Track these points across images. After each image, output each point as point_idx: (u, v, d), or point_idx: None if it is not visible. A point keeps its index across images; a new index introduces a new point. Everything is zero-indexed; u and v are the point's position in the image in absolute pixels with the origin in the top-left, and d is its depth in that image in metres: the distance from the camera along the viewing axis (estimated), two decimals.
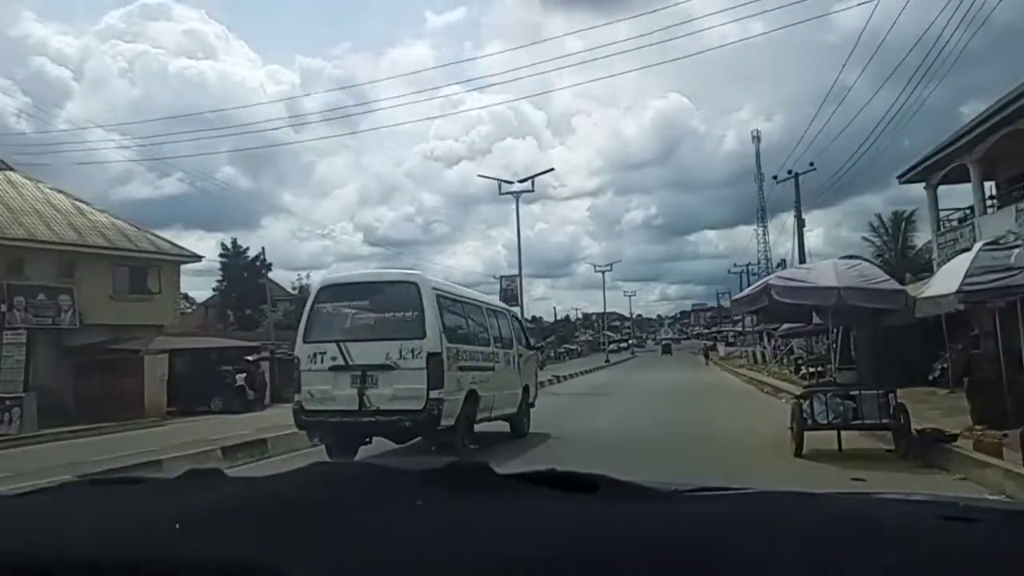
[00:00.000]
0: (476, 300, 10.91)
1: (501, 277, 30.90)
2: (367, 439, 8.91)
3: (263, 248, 48.66)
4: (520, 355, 11.61)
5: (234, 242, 45.05)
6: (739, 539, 0.68)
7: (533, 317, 78.67)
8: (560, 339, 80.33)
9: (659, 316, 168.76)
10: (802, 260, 29.52)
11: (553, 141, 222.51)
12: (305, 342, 8.83)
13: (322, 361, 8.55)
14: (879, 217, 47.03)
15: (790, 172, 29.83)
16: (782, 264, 47.53)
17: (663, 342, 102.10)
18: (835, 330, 23.84)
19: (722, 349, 66.64)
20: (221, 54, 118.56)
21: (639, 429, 12.43)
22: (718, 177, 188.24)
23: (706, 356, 54.26)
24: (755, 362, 43.55)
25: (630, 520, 0.72)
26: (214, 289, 44.45)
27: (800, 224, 29.63)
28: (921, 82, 19.53)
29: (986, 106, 17.22)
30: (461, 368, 8.88)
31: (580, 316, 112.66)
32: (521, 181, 27.64)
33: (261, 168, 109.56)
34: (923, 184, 20.15)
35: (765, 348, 45.69)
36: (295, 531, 0.70)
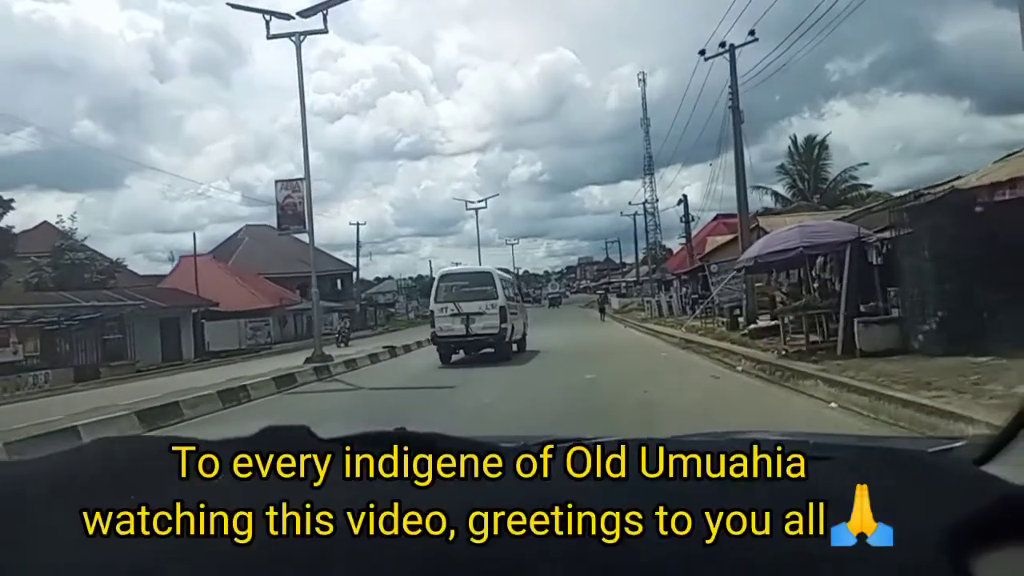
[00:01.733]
0: (509, 276, 23.88)
1: (277, 181, 20.40)
2: (459, 349, 16.78)
3: None
4: (523, 305, 21.76)
5: None
6: (569, 491, 0.65)
7: (419, 276, 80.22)
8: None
9: (546, 272, 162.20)
10: (739, 164, 20.97)
11: (439, 96, 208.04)
12: (435, 302, 16.75)
13: (445, 311, 16.40)
14: (793, 141, 43.29)
15: (723, 44, 21.00)
16: (683, 201, 41.21)
17: (551, 296, 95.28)
18: (820, 257, 14.88)
19: (615, 301, 58.96)
20: None
21: None
22: (603, 132, 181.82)
23: (601, 310, 45.99)
24: (660, 314, 35.64)
25: (458, 483, 0.69)
26: None
27: (737, 118, 20.92)
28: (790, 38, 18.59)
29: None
30: (510, 313, 16.78)
31: None
32: (303, 14, 17.03)
33: (124, 123, 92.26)
34: None
35: (671, 298, 38.06)
36: (65, 517, 0.64)
